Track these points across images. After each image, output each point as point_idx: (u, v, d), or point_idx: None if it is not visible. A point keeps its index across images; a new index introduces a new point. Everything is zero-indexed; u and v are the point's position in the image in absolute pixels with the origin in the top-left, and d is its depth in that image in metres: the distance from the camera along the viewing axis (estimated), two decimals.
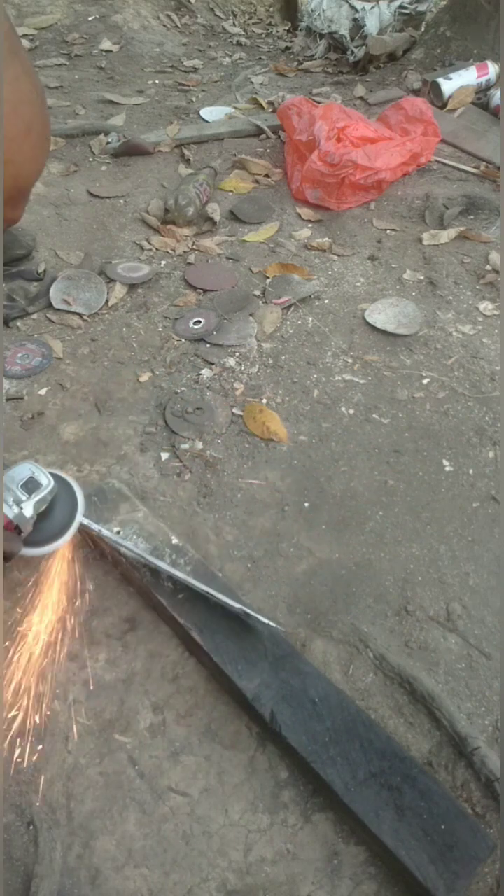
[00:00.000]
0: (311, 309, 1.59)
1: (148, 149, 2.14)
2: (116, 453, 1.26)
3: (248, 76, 2.80)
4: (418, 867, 0.75)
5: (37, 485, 0.84)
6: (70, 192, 1.96)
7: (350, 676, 0.96)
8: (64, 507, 0.90)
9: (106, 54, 2.89)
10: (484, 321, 1.56)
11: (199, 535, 1.14)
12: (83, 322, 1.54)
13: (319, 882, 0.81)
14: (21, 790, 0.87)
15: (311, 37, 3.08)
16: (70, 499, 0.91)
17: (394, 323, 1.54)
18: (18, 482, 0.84)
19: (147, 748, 0.90)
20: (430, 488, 1.22)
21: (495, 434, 1.31)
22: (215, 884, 0.80)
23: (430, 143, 1.95)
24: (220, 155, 2.17)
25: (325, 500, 1.20)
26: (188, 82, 2.74)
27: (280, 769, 0.89)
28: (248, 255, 1.76)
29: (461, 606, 1.05)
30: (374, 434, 1.31)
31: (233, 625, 0.94)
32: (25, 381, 1.40)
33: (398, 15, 2.80)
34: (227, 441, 1.29)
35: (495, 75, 2.38)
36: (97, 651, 0.99)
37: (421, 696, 0.93)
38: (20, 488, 0.83)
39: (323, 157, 1.81)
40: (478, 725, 0.92)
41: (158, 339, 1.51)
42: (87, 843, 0.83)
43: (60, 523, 0.89)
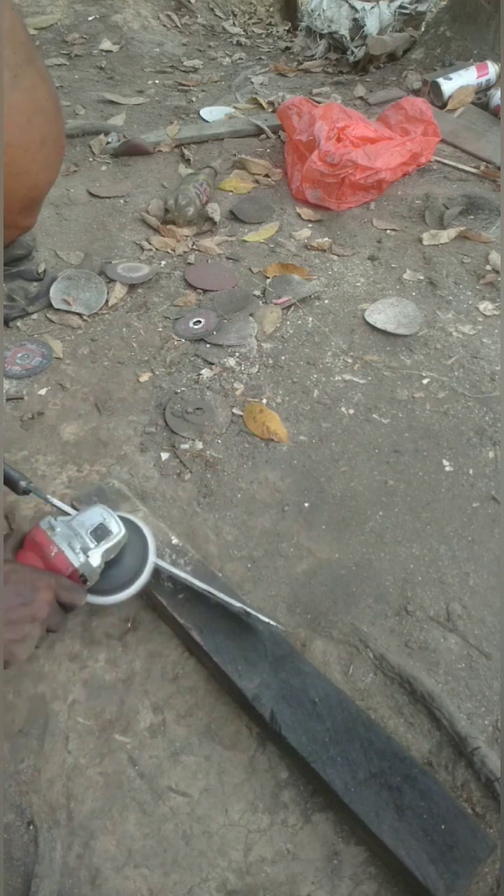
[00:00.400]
0: (311, 309, 1.59)
1: (148, 149, 2.14)
2: (116, 453, 1.26)
3: (248, 76, 2.80)
4: (418, 867, 0.75)
5: (107, 532, 0.81)
6: (70, 192, 1.97)
7: (350, 676, 0.96)
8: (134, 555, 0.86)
9: (106, 54, 2.89)
10: (484, 321, 1.56)
11: (199, 535, 1.14)
12: (83, 322, 1.54)
13: (319, 882, 0.81)
14: (21, 790, 0.87)
15: (311, 37, 3.08)
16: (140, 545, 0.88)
17: (394, 323, 1.54)
18: (88, 528, 0.80)
19: (147, 748, 0.90)
20: (430, 488, 1.22)
21: (495, 434, 1.31)
22: (215, 884, 0.80)
23: (430, 143, 1.95)
24: (220, 155, 2.17)
25: (325, 500, 1.20)
26: (188, 82, 2.74)
27: (280, 769, 0.89)
28: (248, 255, 1.76)
29: (461, 606, 1.05)
30: (374, 434, 1.31)
31: (233, 625, 0.94)
32: (25, 381, 1.40)
33: (398, 15, 2.80)
34: (227, 441, 1.30)
35: (495, 75, 2.38)
36: (97, 651, 0.99)
37: (421, 696, 0.93)
38: (89, 535, 0.80)
39: (323, 157, 1.81)
40: (478, 725, 0.92)
41: (158, 339, 1.51)
42: (87, 843, 0.83)
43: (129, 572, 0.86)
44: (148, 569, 0.87)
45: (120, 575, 0.85)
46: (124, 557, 0.84)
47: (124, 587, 0.85)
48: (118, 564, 0.84)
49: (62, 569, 0.78)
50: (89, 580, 0.80)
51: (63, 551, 0.78)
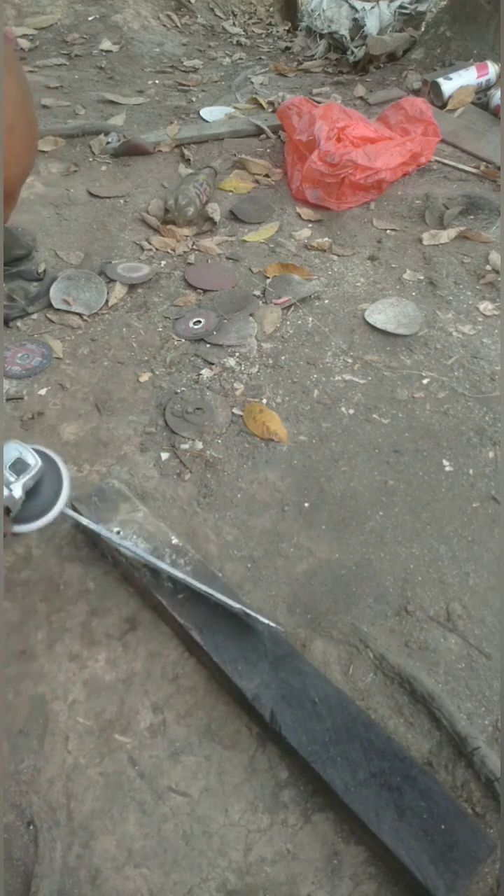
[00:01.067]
0: (311, 309, 1.59)
1: (148, 149, 2.14)
2: (116, 453, 1.26)
3: (248, 76, 2.80)
4: (418, 867, 0.75)
5: (25, 465, 0.86)
6: (70, 192, 1.97)
7: (350, 676, 0.96)
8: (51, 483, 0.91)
9: (106, 54, 2.89)
10: (484, 321, 1.56)
11: (199, 535, 1.14)
12: (83, 322, 1.54)
13: (319, 882, 0.81)
14: (21, 790, 0.87)
15: (311, 37, 3.08)
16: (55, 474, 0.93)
17: (394, 323, 1.54)
18: (6, 463, 0.86)
19: (147, 748, 0.90)
20: (430, 488, 1.22)
21: (495, 434, 1.31)
22: (215, 884, 0.80)
23: (430, 143, 1.95)
24: (220, 155, 2.17)
25: (325, 500, 1.20)
26: (188, 82, 2.74)
27: (280, 769, 0.89)
28: (248, 255, 1.76)
29: (461, 606, 1.05)
30: (374, 434, 1.31)
31: (233, 625, 0.94)
32: (25, 381, 1.40)
33: (398, 15, 2.80)
34: (227, 441, 1.30)
35: (495, 75, 2.38)
36: (97, 651, 0.99)
37: (421, 696, 0.93)
38: (8, 470, 0.85)
39: (323, 157, 1.81)
40: (478, 725, 0.92)
41: (158, 339, 1.51)
42: (87, 843, 0.83)
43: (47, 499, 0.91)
44: (64, 494, 0.91)
45: (39, 504, 0.89)
46: (42, 487, 0.90)
47: (43, 513, 0.90)
48: (37, 494, 0.89)
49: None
50: (13, 509, 0.85)
51: None
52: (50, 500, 0.91)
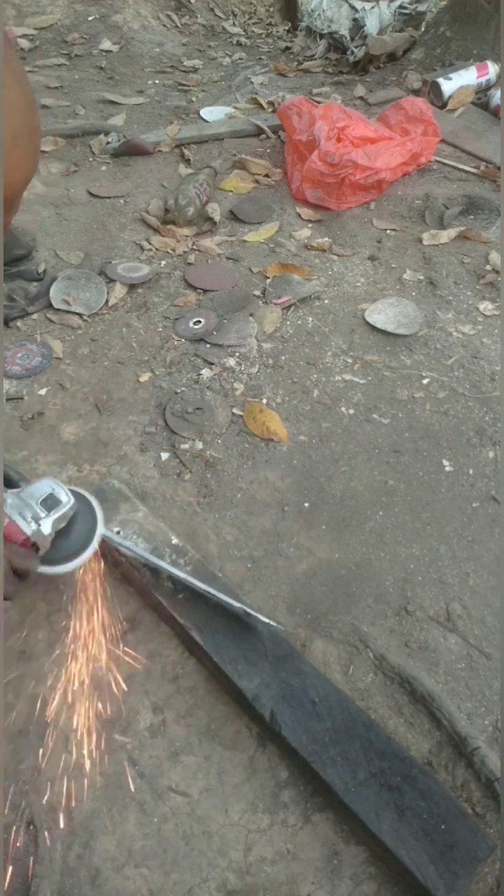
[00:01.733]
0: (311, 309, 1.59)
1: (148, 149, 2.14)
2: (116, 453, 1.26)
3: (248, 76, 2.80)
4: (418, 867, 0.75)
5: (56, 502, 0.82)
6: (70, 192, 1.96)
7: (350, 676, 0.96)
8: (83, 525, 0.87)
9: (106, 54, 2.89)
10: (484, 321, 1.56)
11: (199, 535, 1.14)
12: (83, 322, 1.54)
13: (319, 882, 0.81)
14: (21, 790, 0.87)
15: (311, 37, 3.08)
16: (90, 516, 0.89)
17: (394, 323, 1.54)
18: (38, 498, 0.82)
19: (147, 748, 0.90)
20: (430, 488, 1.22)
21: (495, 434, 1.31)
22: (215, 884, 0.80)
23: (430, 143, 1.95)
24: (220, 155, 2.17)
25: (325, 500, 1.20)
26: (188, 82, 2.74)
27: (280, 769, 0.89)
28: (248, 255, 1.76)
29: (461, 606, 1.05)
30: (374, 434, 1.31)
31: (233, 625, 0.94)
32: (25, 381, 1.40)
33: (398, 15, 2.80)
34: (227, 441, 1.29)
35: (495, 75, 2.38)
36: (97, 651, 0.99)
37: (421, 696, 0.93)
38: (39, 505, 0.81)
39: (323, 157, 1.81)
40: (478, 725, 0.92)
41: (158, 339, 1.51)
42: (87, 843, 0.83)
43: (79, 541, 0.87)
44: (97, 538, 0.89)
45: (70, 545, 0.86)
46: (74, 528, 0.87)
47: (74, 556, 0.87)
48: (68, 535, 0.86)
49: (14, 537, 0.80)
50: (42, 547, 0.82)
51: (14, 521, 0.80)
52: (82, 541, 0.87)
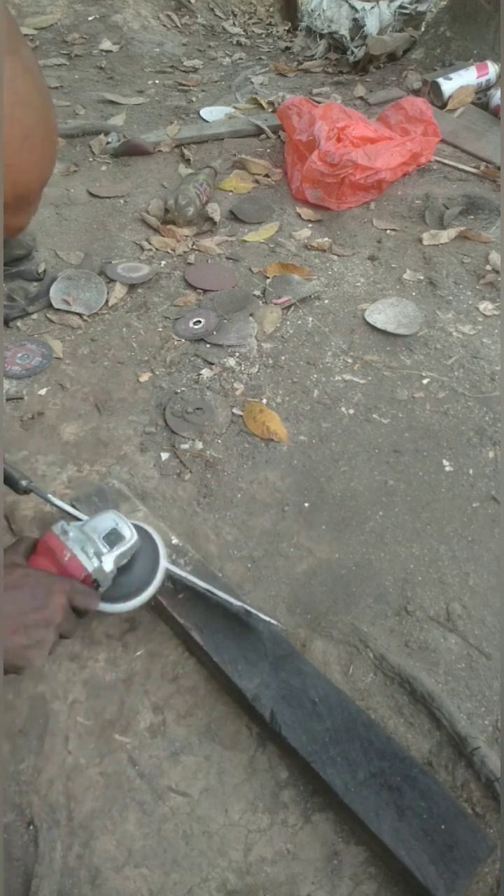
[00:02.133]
0: (311, 309, 1.59)
1: (148, 149, 2.14)
2: (116, 453, 1.26)
3: (248, 76, 2.80)
4: (418, 867, 0.75)
5: (119, 537, 0.80)
6: (70, 192, 1.97)
7: (350, 676, 0.96)
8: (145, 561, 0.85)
9: (106, 54, 2.89)
10: (484, 321, 1.56)
11: (199, 535, 1.14)
12: (83, 322, 1.54)
13: (319, 882, 0.81)
14: (21, 790, 0.87)
15: (311, 37, 3.08)
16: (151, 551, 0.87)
17: (394, 323, 1.54)
18: (101, 533, 0.79)
19: (147, 748, 0.90)
20: (430, 488, 1.22)
21: (495, 434, 1.31)
22: (215, 884, 0.80)
23: (430, 143, 1.95)
24: (220, 155, 2.17)
25: (325, 500, 1.20)
26: (188, 82, 2.74)
27: (280, 769, 0.89)
28: (248, 255, 1.76)
29: (461, 606, 1.05)
30: (374, 434, 1.31)
31: (233, 625, 0.94)
32: (25, 381, 1.40)
33: (398, 15, 2.80)
34: (227, 441, 1.29)
35: (495, 75, 2.38)
36: (97, 651, 0.99)
37: (421, 696, 0.93)
38: (102, 540, 0.79)
39: (323, 157, 1.81)
40: (478, 725, 0.92)
41: (158, 339, 1.51)
42: (87, 843, 0.83)
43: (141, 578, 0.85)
44: (159, 576, 0.86)
45: (131, 582, 0.84)
46: (135, 565, 0.84)
47: (135, 594, 0.84)
48: (129, 571, 0.83)
49: (76, 573, 0.77)
50: (102, 585, 0.80)
51: (76, 556, 0.77)
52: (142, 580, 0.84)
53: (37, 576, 0.74)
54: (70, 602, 0.74)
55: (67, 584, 0.75)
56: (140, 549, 0.83)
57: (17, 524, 1.12)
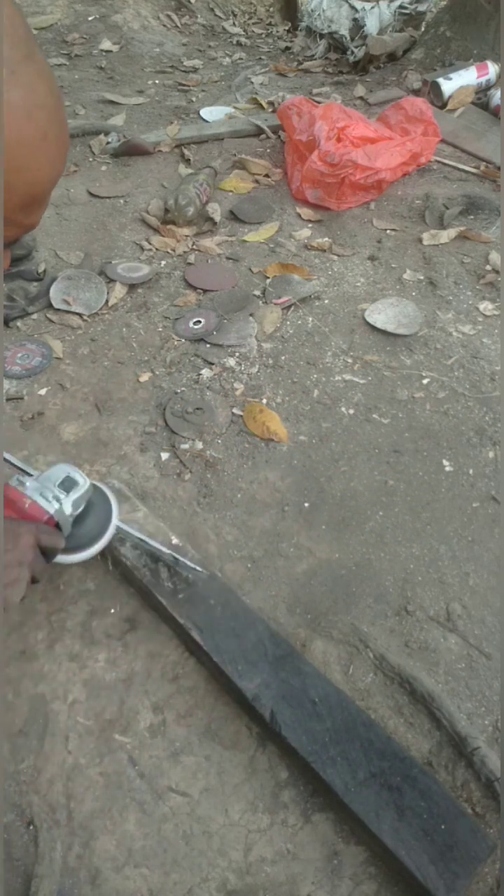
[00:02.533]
0: (311, 309, 1.59)
1: (148, 149, 2.14)
2: (116, 453, 1.26)
3: (248, 76, 2.80)
4: (418, 867, 0.75)
5: (73, 483, 0.86)
6: (70, 192, 1.97)
7: (350, 676, 0.96)
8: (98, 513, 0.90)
9: (106, 54, 2.89)
10: (484, 321, 1.56)
11: (199, 534, 1.14)
12: (83, 322, 1.54)
13: (319, 882, 0.81)
14: (21, 790, 0.87)
15: (311, 37, 3.08)
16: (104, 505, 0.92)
17: (394, 323, 1.54)
18: (55, 481, 0.85)
19: (147, 748, 0.90)
20: (430, 488, 1.22)
21: (495, 434, 1.31)
22: (215, 884, 0.80)
23: (430, 143, 1.95)
24: (220, 155, 2.17)
25: (325, 500, 1.20)
26: (188, 82, 2.74)
27: (280, 769, 0.89)
28: (248, 255, 1.76)
29: (461, 606, 1.05)
30: (374, 434, 1.31)
31: (233, 625, 0.95)
32: (25, 381, 1.40)
33: (398, 15, 2.80)
34: (227, 441, 1.29)
35: (495, 75, 2.38)
36: (97, 651, 0.99)
37: (421, 696, 0.93)
38: (58, 487, 0.85)
39: (323, 157, 1.81)
40: (478, 725, 0.92)
41: (158, 339, 1.51)
42: (87, 843, 0.83)
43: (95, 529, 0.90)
44: (112, 525, 0.91)
45: (86, 533, 0.89)
46: (89, 517, 0.89)
47: (92, 543, 0.90)
48: (84, 523, 0.89)
49: (38, 517, 0.83)
50: (63, 528, 0.85)
51: (36, 501, 0.83)
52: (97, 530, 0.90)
53: (5, 524, 0.78)
54: (37, 542, 0.79)
55: (33, 526, 0.80)
56: (93, 504, 0.89)
57: None
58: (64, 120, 0.55)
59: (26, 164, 0.50)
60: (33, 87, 0.49)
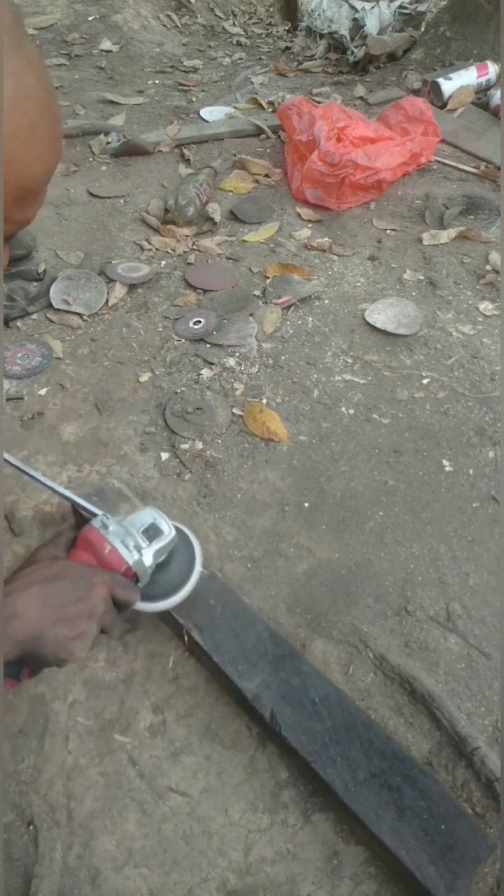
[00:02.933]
0: (311, 309, 1.59)
1: (148, 149, 2.14)
2: (116, 453, 1.26)
3: (248, 76, 2.80)
4: (418, 867, 0.75)
5: (158, 532, 0.80)
6: (70, 192, 1.97)
7: (350, 676, 0.96)
8: (181, 561, 0.86)
9: (106, 54, 2.89)
10: (484, 321, 1.56)
11: (199, 535, 1.13)
12: (83, 322, 1.54)
13: (319, 882, 0.81)
14: (21, 790, 0.87)
15: (311, 37, 3.08)
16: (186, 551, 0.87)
17: (394, 323, 1.54)
18: (139, 527, 0.80)
19: (147, 748, 0.90)
20: (430, 488, 1.22)
21: (495, 434, 1.31)
22: (215, 884, 0.80)
23: (430, 143, 1.95)
24: (220, 155, 2.17)
25: (325, 500, 1.20)
26: (188, 82, 2.74)
27: (280, 769, 0.89)
28: (248, 255, 1.76)
29: (461, 606, 1.05)
30: (374, 434, 1.31)
31: (233, 625, 0.95)
32: (25, 381, 1.40)
33: (398, 15, 2.80)
34: (227, 441, 1.29)
35: (495, 75, 2.38)
36: (97, 651, 0.99)
37: (421, 696, 0.93)
38: (141, 534, 0.79)
39: (323, 157, 1.81)
40: (478, 725, 0.92)
41: (158, 339, 1.51)
42: (87, 843, 0.83)
43: (178, 577, 0.85)
44: (195, 575, 0.86)
45: (167, 581, 0.84)
46: (171, 564, 0.84)
47: (172, 593, 0.85)
48: (165, 570, 0.84)
49: (116, 566, 0.77)
50: (141, 579, 0.80)
51: (117, 548, 0.77)
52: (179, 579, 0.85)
53: (78, 568, 0.73)
54: (111, 594, 0.74)
55: (109, 577, 0.74)
56: (175, 549, 0.84)
57: (17, 524, 1.12)
58: (56, 112, 0.54)
59: (15, 157, 0.49)
60: (21, 77, 0.48)
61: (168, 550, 0.82)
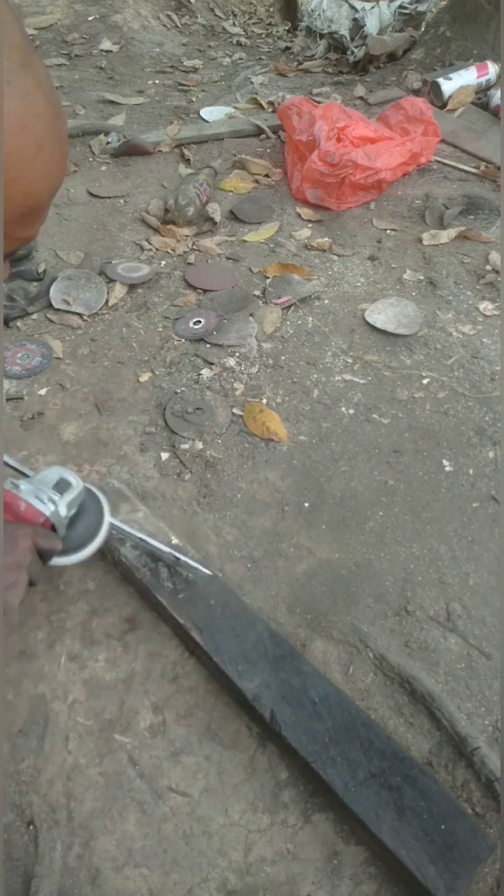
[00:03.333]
0: (311, 309, 1.59)
1: (148, 149, 2.14)
2: (116, 453, 1.26)
3: (248, 76, 2.80)
4: (418, 867, 0.75)
5: (67, 484, 0.87)
6: (70, 192, 1.97)
7: (350, 676, 0.96)
8: (91, 515, 0.92)
9: (106, 54, 2.89)
10: (484, 321, 1.56)
11: (199, 535, 1.14)
12: (83, 322, 1.54)
13: (319, 882, 0.81)
14: (21, 790, 0.87)
15: (311, 37, 3.08)
16: (96, 507, 0.93)
17: (394, 323, 1.54)
18: (49, 483, 0.87)
19: (147, 748, 0.90)
20: (430, 488, 1.22)
21: (495, 434, 1.31)
22: (215, 884, 0.80)
23: (430, 143, 1.95)
24: (220, 155, 2.17)
25: (325, 500, 1.20)
26: (188, 82, 2.74)
27: (280, 769, 0.89)
28: (248, 255, 1.76)
29: (461, 606, 1.05)
30: (374, 434, 1.31)
31: (233, 625, 0.95)
32: (25, 381, 1.40)
33: (398, 15, 2.80)
34: (227, 441, 1.29)
35: (495, 75, 2.38)
36: (97, 651, 0.99)
37: (421, 696, 0.93)
38: (52, 489, 0.86)
39: (323, 157, 1.81)
40: (478, 725, 0.92)
41: (158, 339, 1.51)
42: (87, 843, 0.83)
43: (88, 531, 0.91)
44: (105, 524, 0.92)
45: (79, 535, 0.90)
46: (81, 520, 0.90)
47: (86, 544, 0.90)
48: (76, 525, 0.90)
49: (34, 519, 0.83)
50: (59, 529, 0.86)
51: (32, 504, 0.84)
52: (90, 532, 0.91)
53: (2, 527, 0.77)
54: (35, 545, 0.80)
55: (30, 529, 0.80)
56: (85, 505, 0.90)
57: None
58: (62, 131, 0.54)
59: (21, 175, 0.50)
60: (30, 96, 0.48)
61: (79, 501, 0.89)
